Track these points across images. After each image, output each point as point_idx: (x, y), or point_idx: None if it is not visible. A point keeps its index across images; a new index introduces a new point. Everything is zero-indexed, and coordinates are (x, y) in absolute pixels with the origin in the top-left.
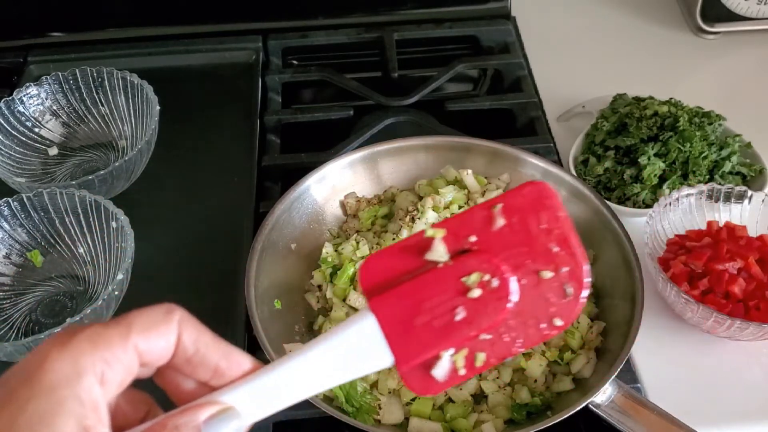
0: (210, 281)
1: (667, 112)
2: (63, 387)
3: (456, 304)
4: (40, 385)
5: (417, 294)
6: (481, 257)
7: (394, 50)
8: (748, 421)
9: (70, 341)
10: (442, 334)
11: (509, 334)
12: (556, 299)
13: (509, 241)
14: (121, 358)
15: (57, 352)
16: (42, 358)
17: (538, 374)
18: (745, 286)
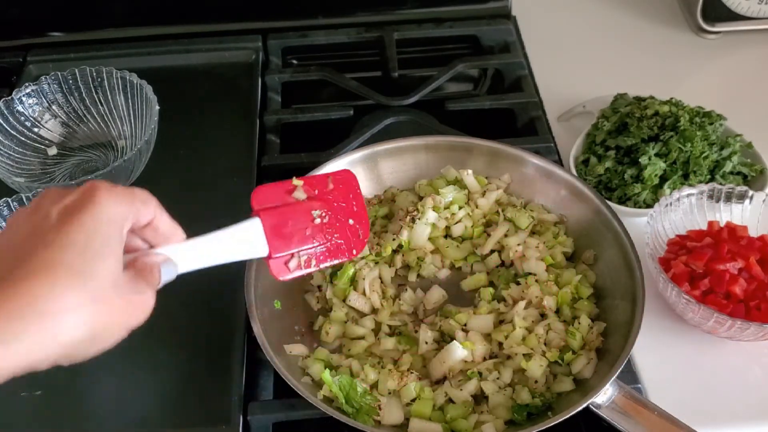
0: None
1: (668, 112)
2: (112, 227)
3: (306, 225)
4: (94, 221)
5: (285, 215)
6: (322, 201)
7: (394, 50)
8: (748, 421)
9: (115, 189)
10: (297, 241)
11: (329, 250)
12: (354, 238)
13: (336, 197)
14: (143, 215)
15: (107, 196)
16: (94, 197)
17: (539, 375)
18: (746, 286)
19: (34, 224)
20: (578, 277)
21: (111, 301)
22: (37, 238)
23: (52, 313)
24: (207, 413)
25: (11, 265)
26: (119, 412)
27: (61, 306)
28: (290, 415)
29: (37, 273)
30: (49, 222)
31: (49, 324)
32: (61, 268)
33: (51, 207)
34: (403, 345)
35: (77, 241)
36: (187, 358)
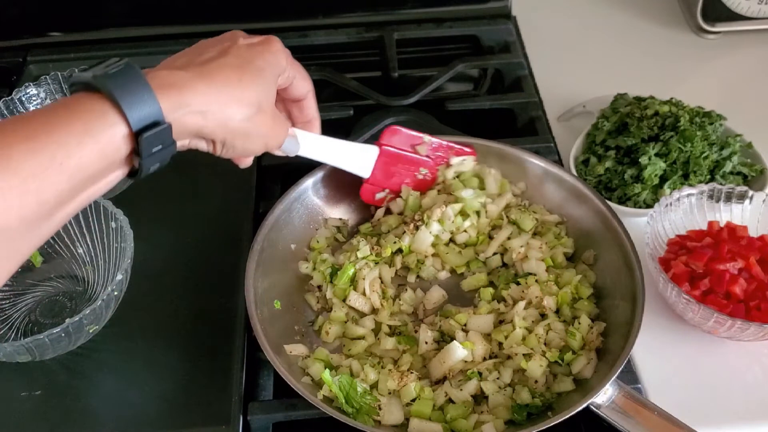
0: (210, 281)
1: (668, 112)
2: (277, 68)
3: (410, 176)
4: (270, 56)
5: (399, 160)
6: (434, 164)
7: (394, 50)
8: (748, 421)
9: (286, 51)
10: (394, 183)
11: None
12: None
13: (435, 161)
14: (297, 85)
15: (281, 48)
16: (272, 44)
17: (539, 375)
18: (746, 286)
19: (223, 46)
20: (578, 277)
21: (266, 111)
22: (229, 50)
23: (237, 99)
24: (207, 413)
25: (206, 57)
26: (119, 412)
27: (241, 95)
28: (290, 415)
29: (229, 66)
30: (237, 46)
31: (228, 102)
32: (246, 71)
33: (238, 38)
34: (403, 345)
35: (258, 62)
36: (187, 358)
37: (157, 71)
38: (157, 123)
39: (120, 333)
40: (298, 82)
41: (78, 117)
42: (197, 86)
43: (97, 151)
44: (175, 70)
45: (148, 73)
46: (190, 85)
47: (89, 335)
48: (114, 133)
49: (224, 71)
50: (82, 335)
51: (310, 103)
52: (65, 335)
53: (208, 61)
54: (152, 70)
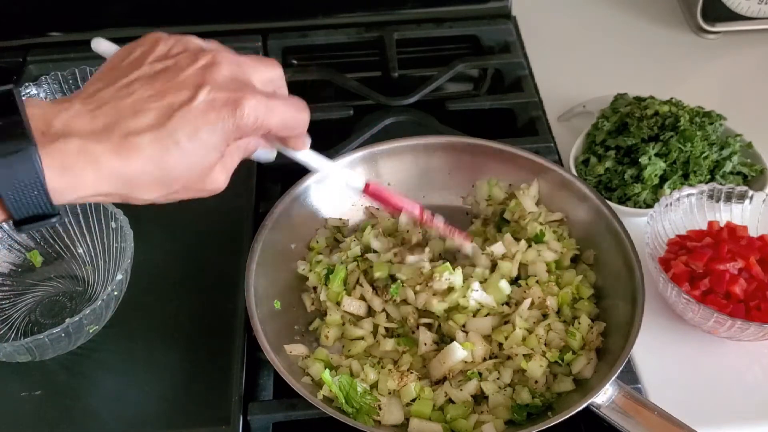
0: (210, 281)
1: (668, 112)
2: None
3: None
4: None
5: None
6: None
7: (394, 50)
8: (748, 421)
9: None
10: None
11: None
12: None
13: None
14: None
15: (251, 113)
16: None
17: (539, 375)
18: (746, 286)
19: (172, 104)
20: (579, 277)
21: (190, 187)
22: (175, 113)
23: (153, 183)
24: (207, 413)
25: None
26: (119, 413)
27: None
28: (290, 415)
29: (160, 143)
30: (190, 107)
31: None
32: (183, 151)
33: (202, 86)
34: (403, 346)
35: (205, 137)
36: (187, 358)
37: (68, 137)
38: (44, 216)
39: (120, 333)
40: (276, 133)
41: None
42: (108, 166)
43: None
44: (89, 140)
45: (47, 143)
46: (100, 167)
47: (89, 335)
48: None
49: (151, 150)
50: (82, 335)
51: (292, 143)
52: (65, 335)
53: (136, 133)
54: (58, 126)
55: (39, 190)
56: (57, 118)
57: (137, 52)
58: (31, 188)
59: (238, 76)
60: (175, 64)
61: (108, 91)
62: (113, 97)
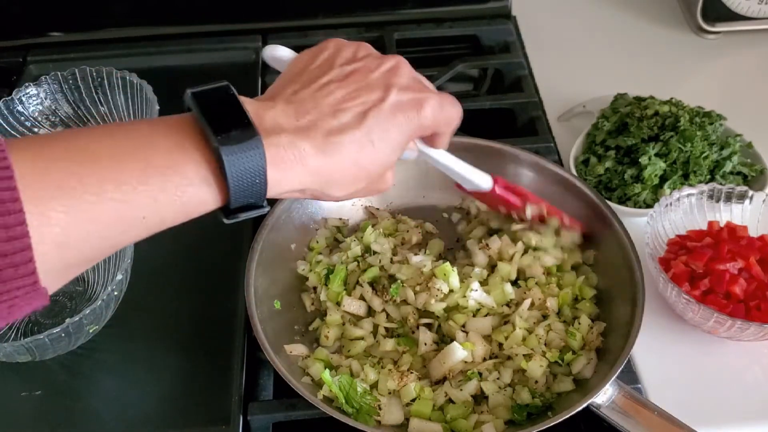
0: (210, 281)
1: (668, 112)
2: (406, 141)
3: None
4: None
5: (504, 203)
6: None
7: (394, 50)
8: (748, 421)
9: (443, 111)
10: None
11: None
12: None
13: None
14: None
15: (432, 114)
16: (422, 108)
17: (539, 375)
18: (746, 286)
19: (366, 103)
20: (581, 278)
21: (374, 181)
22: (369, 114)
23: (348, 182)
24: (207, 413)
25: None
26: (119, 412)
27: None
28: (290, 415)
29: (358, 143)
30: (380, 107)
31: (334, 183)
32: (376, 148)
33: (391, 86)
34: (403, 346)
35: (394, 134)
36: (186, 358)
37: (279, 133)
38: (254, 207)
39: (120, 333)
40: (441, 129)
41: (181, 184)
42: (312, 165)
43: (183, 214)
44: (297, 136)
45: (266, 134)
46: (306, 163)
47: (89, 335)
48: (206, 198)
49: (350, 149)
50: (82, 335)
51: (439, 142)
52: (65, 335)
53: (338, 131)
54: (268, 122)
55: (261, 179)
56: (267, 115)
57: (324, 54)
58: (255, 176)
59: (416, 79)
60: (364, 66)
61: (306, 92)
62: (312, 98)
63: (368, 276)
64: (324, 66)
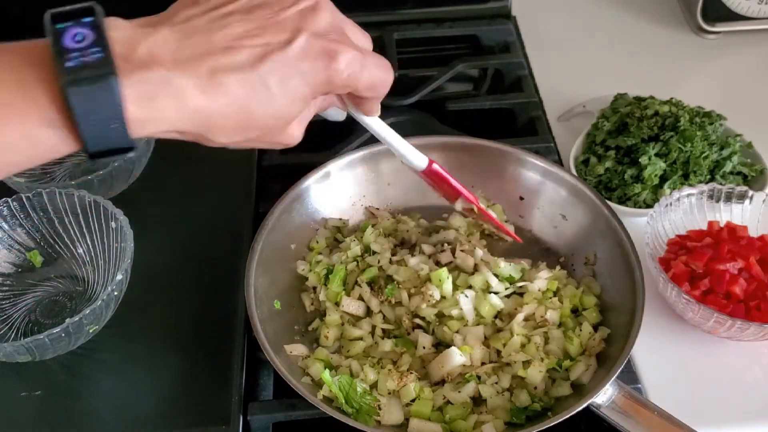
0: (210, 281)
1: (668, 112)
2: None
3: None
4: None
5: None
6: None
7: (394, 49)
8: (748, 421)
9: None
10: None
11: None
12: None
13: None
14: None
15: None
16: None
17: (538, 381)
18: (746, 286)
19: (270, 44)
20: (581, 289)
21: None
22: (269, 55)
23: (234, 128)
24: (207, 413)
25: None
26: (119, 412)
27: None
28: (290, 415)
29: (252, 84)
30: (286, 51)
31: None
32: (272, 96)
33: (302, 28)
34: (400, 347)
35: (296, 84)
36: (186, 358)
37: (152, 65)
38: (118, 149)
39: (120, 333)
40: (358, 92)
41: (23, 113)
42: (191, 102)
43: (34, 158)
44: (174, 70)
45: (129, 71)
46: (182, 102)
47: (89, 335)
48: (58, 147)
49: (239, 92)
50: (82, 335)
51: (367, 105)
52: (65, 335)
53: (226, 70)
54: (142, 53)
55: (118, 122)
56: (141, 44)
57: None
58: (110, 121)
59: (336, 27)
60: (276, 1)
61: (200, 20)
62: (205, 28)
63: (367, 276)
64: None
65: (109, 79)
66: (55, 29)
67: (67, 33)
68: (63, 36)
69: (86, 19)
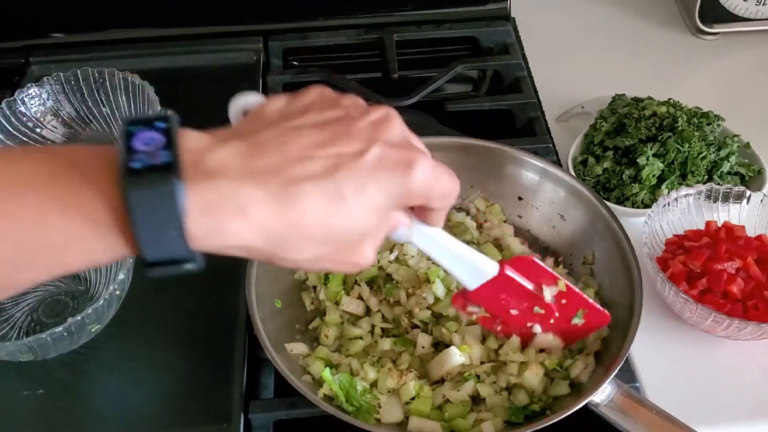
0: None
1: (666, 113)
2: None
3: (519, 308)
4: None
5: (516, 290)
6: (553, 316)
7: (394, 51)
8: (746, 420)
9: (437, 176)
10: (498, 307)
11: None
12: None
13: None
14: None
15: (422, 176)
16: (411, 168)
17: (536, 384)
18: (744, 285)
19: (341, 155)
20: (579, 286)
21: (350, 248)
22: (343, 166)
23: (309, 239)
24: (208, 412)
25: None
26: (121, 411)
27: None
28: (291, 414)
29: (326, 193)
30: (358, 162)
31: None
32: (348, 203)
33: (375, 140)
34: (400, 346)
35: (372, 191)
36: (187, 357)
37: (221, 176)
38: (176, 261)
39: (122, 332)
40: (429, 203)
41: (75, 217)
42: (260, 219)
43: (84, 258)
44: (245, 182)
45: (201, 178)
46: (250, 215)
47: (91, 334)
48: (111, 255)
49: (315, 201)
50: (84, 334)
51: (435, 216)
52: (67, 334)
53: (300, 180)
54: (211, 164)
55: (177, 230)
56: (212, 154)
57: (303, 98)
58: (168, 226)
59: (408, 137)
60: (347, 114)
61: (271, 133)
62: (277, 141)
63: (366, 275)
64: (302, 109)
65: (173, 182)
66: (127, 130)
67: (138, 135)
68: (133, 137)
69: (160, 124)
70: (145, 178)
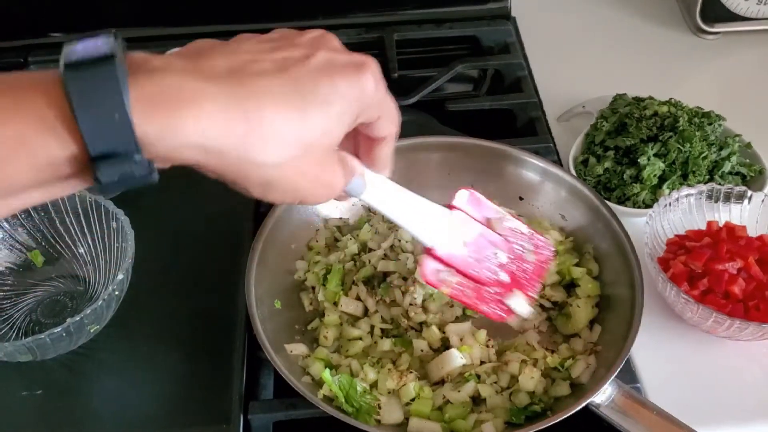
0: (211, 281)
1: (667, 113)
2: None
3: (480, 258)
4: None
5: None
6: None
7: (394, 50)
8: (747, 420)
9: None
10: (461, 261)
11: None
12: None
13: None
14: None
15: (374, 79)
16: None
17: (531, 387)
18: (745, 286)
19: (293, 56)
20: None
21: (313, 157)
22: (294, 66)
23: (271, 136)
24: (207, 413)
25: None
26: (120, 412)
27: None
28: (291, 415)
29: (284, 92)
30: (309, 62)
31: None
32: (309, 101)
33: (320, 46)
34: (399, 347)
35: (328, 93)
36: (187, 357)
37: (165, 71)
38: (125, 155)
39: (121, 333)
40: (380, 123)
41: (18, 118)
42: (215, 104)
43: (30, 167)
44: (191, 75)
45: (144, 73)
46: (203, 101)
47: (90, 335)
48: (57, 153)
49: (272, 90)
50: (83, 335)
51: (385, 149)
52: (66, 335)
53: (257, 75)
54: (156, 63)
55: (120, 115)
56: (155, 58)
57: (241, 36)
58: (112, 112)
59: (348, 51)
60: (284, 36)
61: (218, 47)
62: (223, 49)
63: (362, 275)
64: (241, 38)
65: (113, 68)
66: (70, 40)
67: (81, 42)
68: (76, 45)
69: (105, 35)
70: (83, 67)
